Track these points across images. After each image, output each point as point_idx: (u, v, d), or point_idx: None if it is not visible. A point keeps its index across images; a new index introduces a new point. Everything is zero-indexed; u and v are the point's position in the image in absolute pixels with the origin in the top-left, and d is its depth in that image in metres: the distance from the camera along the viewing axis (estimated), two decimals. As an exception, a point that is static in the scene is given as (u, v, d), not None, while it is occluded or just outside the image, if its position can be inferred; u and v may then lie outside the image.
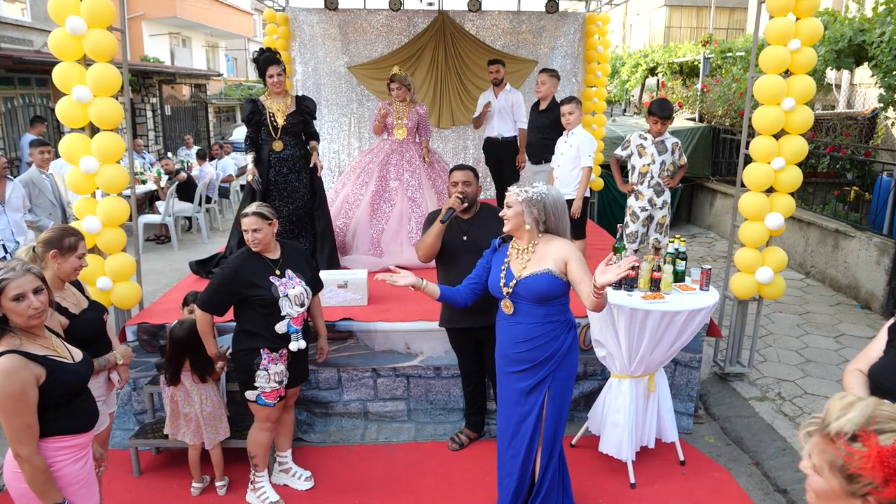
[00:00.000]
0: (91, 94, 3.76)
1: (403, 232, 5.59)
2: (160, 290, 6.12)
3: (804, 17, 4.00)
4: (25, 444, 2.10)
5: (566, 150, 5.09)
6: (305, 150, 5.10)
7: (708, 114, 10.66)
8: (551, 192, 2.87)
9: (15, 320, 2.14)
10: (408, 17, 8.28)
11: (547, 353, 2.85)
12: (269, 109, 4.90)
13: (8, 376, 2.05)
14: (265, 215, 3.18)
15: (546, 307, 2.83)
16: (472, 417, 4.05)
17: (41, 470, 2.14)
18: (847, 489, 1.20)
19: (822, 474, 1.24)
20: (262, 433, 3.36)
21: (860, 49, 7.70)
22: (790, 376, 4.81)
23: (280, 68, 4.81)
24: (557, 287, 2.80)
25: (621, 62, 16.18)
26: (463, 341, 3.79)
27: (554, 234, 2.88)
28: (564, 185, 5.09)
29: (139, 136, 14.98)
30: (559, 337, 2.86)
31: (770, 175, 4.17)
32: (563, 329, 2.87)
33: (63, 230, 2.78)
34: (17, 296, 2.11)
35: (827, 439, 1.23)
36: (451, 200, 3.51)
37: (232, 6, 23.50)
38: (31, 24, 13.19)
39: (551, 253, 2.82)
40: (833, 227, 6.92)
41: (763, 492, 3.62)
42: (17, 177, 5.76)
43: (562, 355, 2.86)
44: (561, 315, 2.87)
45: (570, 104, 5.04)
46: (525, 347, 2.87)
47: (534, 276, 2.80)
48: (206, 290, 3.24)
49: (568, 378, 2.93)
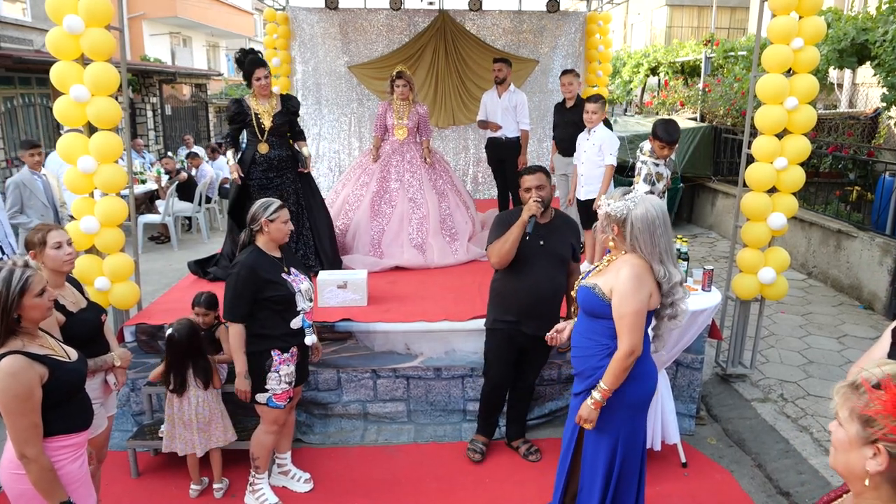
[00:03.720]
0: (89, 94, 3.74)
1: (404, 233, 5.57)
2: (160, 291, 6.10)
3: (807, 15, 3.97)
4: (32, 445, 2.10)
5: (589, 149, 5.09)
6: (291, 150, 5.07)
7: (709, 113, 10.63)
8: (639, 206, 2.52)
9: (34, 316, 2.17)
10: (408, 16, 8.26)
11: (582, 367, 2.69)
12: (254, 111, 4.87)
13: (15, 377, 2.05)
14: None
15: (592, 322, 2.64)
16: (486, 423, 3.89)
17: (48, 469, 2.14)
18: (862, 435, 1.23)
19: (843, 424, 1.28)
20: (268, 435, 3.34)
21: (863, 48, 7.67)
22: (792, 377, 4.79)
23: (267, 70, 4.79)
24: (597, 306, 2.59)
25: (622, 62, 16.15)
26: (505, 345, 3.58)
27: (640, 256, 2.54)
28: (589, 182, 5.09)
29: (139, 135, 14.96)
30: (595, 357, 2.63)
31: (773, 175, 4.14)
32: (603, 352, 2.61)
33: (34, 230, 2.80)
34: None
35: (853, 388, 1.28)
36: (531, 206, 3.29)
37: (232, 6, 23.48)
38: (32, 24, 13.17)
39: (613, 271, 2.59)
40: (835, 227, 6.89)
41: (766, 494, 3.59)
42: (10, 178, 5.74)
43: (596, 381, 2.61)
44: (604, 338, 2.61)
45: (596, 102, 5.04)
46: (574, 353, 2.76)
47: (582, 286, 2.67)
48: (232, 301, 3.08)
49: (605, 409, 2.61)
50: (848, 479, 1.31)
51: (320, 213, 5.24)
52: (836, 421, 1.31)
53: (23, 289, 2.11)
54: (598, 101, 5.09)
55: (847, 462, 1.27)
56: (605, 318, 2.59)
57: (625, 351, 2.51)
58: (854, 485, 1.29)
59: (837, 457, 1.31)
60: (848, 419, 1.27)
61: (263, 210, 3.14)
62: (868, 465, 1.22)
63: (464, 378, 4.16)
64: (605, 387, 2.55)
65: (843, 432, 1.27)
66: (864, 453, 1.23)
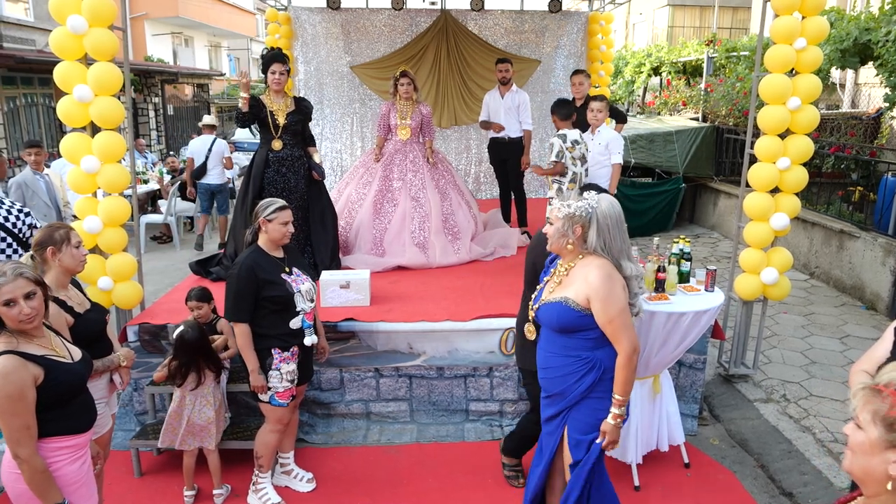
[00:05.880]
0: (92, 94, 3.74)
1: (406, 231, 5.57)
2: (162, 290, 6.10)
3: (810, 15, 3.97)
4: (24, 445, 2.09)
5: (595, 148, 5.09)
6: (304, 150, 5.09)
7: (711, 113, 10.63)
8: (602, 203, 2.49)
9: (7, 323, 2.14)
10: (410, 16, 8.27)
11: (560, 387, 2.56)
12: (269, 108, 4.88)
13: (5, 377, 2.04)
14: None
15: (566, 338, 2.52)
16: (514, 444, 3.58)
17: (40, 470, 2.13)
18: (885, 438, 1.21)
19: (864, 426, 1.25)
20: (272, 434, 3.34)
21: (865, 48, 7.66)
22: (795, 378, 4.78)
23: (284, 67, 4.80)
24: (573, 319, 2.46)
25: (625, 62, 16.14)
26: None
27: (601, 256, 2.49)
28: (594, 180, 5.09)
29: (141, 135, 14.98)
30: (575, 374, 2.51)
31: (775, 175, 4.14)
32: (584, 368, 2.49)
33: (50, 227, 2.79)
34: (7, 301, 2.10)
35: (874, 391, 1.26)
36: None
37: (234, 6, 23.50)
38: (34, 24, 13.20)
39: (579, 278, 2.48)
40: (838, 227, 6.88)
41: (769, 495, 3.58)
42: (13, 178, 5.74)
43: (578, 396, 2.52)
44: (583, 351, 2.49)
45: (601, 102, 5.06)
46: (542, 374, 2.65)
47: (549, 303, 2.52)
48: (234, 302, 3.08)
49: (587, 424, 2.52)
50: (864, 482, 1.28)
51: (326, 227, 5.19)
52: (854, 423, 1.28)
53: None
54: (603, 100, 5.12)
55: (867, 465, 1.25)
56: (583, 331, 2.47)
57: (627, 352, 2.44)
58: (871, 488, 1.27)
59: (855, 460, 1.28)
60: (870, 422, 1.24)
61: (263, 209, 3.15)
62: (891, 470, 1.20)
63: (466, 378, 4.17)
64: (619, 397, 2.46)
65: (864, 435, 1.25)
66: (886, 457, 1.21)
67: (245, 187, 5.00)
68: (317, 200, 5.16)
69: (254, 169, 5.00)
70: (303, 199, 5.03)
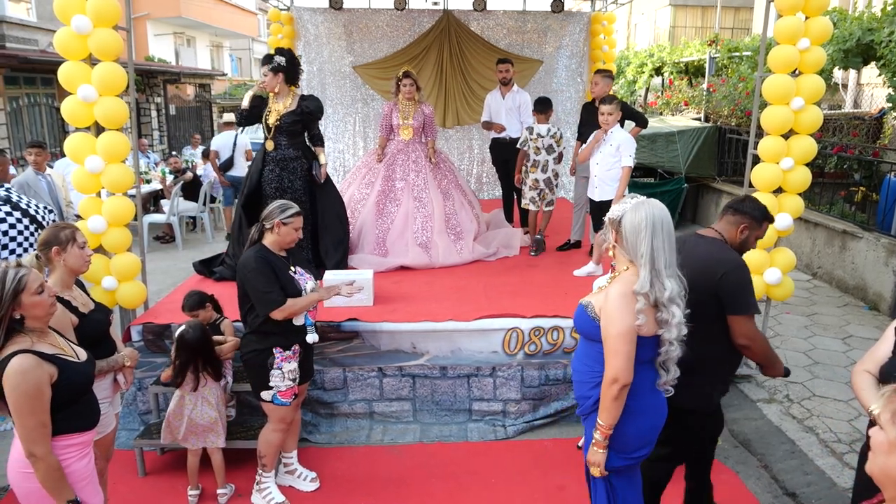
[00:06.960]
0: (96, 94, 3.76)
1: (409, 231, 5.58)
2: (165, 290, 6.11)
3: (813, 15, 3.97)
4: (40, 444, 2.11)
5: (605, 149, 5.06)
6: (303, 150, 5.04)
7: (714, 113, 10.62)
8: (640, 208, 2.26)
9: (37, 314, 2.17)
10: (413, 16, 8.27)
11: (577, 393, 2.47)
12: (269, 108, 4.90)
13: (24, 375, 2.06)
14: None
15: (588, 345, 2.39)
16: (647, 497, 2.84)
17: (55, 468, 2.14)
18: None
19: (884, 427, 1.26)
20: (276, 434, 3.35)
21: (868, 48, 7.65)
22: (798, 378, 4.78)
23: (267, 68, 4.79)
24: (588, 326, 2.35)
25: (627, 62, 16.13)
26: None
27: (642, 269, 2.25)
28: (605, 182, 5.07)
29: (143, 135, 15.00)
30: (587, 384, 2.39)
31: (779, 175, 4.14)
32: (595, 380, 2.34)
33: (55, 227, 2.79)
34: (40, 288, 2.17)
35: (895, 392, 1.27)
36: None
37: (236, 6, 23.52)
38: (37, 24, 13.21)
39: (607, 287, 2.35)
40: (840, 227, 6.87)
41: (772, 495, 3.58)
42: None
43: (587, 409, 2.40)
44: (597, 364, 2.31)
45: (611, 104, 5.00)
46: (573, 376, 2.54)
47: (579, 304, 2.42)
48: (264, 293, 3.05)
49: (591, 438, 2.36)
50: (884, 483, 1.28)
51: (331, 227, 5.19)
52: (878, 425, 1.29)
53: (17, 288, 2.11)
54: (613, 101, 5.05)
55: (886, 465, 1.25)
56: (598, 342, 2.31)
57: (607, 379, 2.23)
58: (890, 490, 1.27)
59: (875, 460, 1.28)
60: (889, 422, 1.25)
61: (280, 211, 3.17)
62: None
63: (469, 377, 4.17)
64: (601, 422, 2.28)
65: (884, 435, 1.26)
66: None
67: (244, 187, 5.01)
68: (324, 200, 5.16)
69: (252, 168, 5.04)
70: (300, 201, 5.00)
